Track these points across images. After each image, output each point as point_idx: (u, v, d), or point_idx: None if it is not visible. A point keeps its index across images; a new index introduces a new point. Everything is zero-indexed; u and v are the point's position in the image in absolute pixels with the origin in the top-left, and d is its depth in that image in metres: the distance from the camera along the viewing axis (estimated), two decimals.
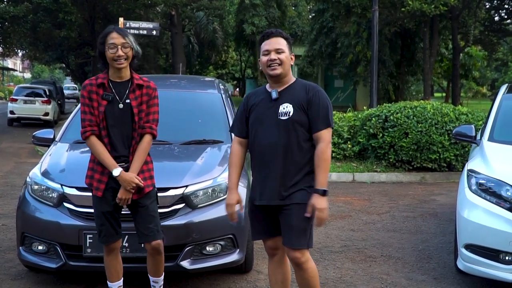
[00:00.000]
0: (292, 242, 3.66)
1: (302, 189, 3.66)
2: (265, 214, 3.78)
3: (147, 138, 4.04)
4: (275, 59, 3.71)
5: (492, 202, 4.76)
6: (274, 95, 3.73)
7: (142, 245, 4.23)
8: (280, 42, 3.74)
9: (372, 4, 15.50)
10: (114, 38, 3.91)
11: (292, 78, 3.81)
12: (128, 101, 3.97)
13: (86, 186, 4.47)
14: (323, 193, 3.56)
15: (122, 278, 4.23)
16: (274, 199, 3.68)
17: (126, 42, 3.93)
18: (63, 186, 4.63)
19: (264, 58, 3.76)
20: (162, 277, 4.28)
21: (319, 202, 3.55)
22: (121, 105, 3.95)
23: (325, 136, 3.65)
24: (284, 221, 3.69)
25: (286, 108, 3.68)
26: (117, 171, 3.89)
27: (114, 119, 3.94)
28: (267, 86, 3.86)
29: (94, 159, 4.01)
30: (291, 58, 3.79)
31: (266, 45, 3.76)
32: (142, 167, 4.03)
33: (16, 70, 79.24)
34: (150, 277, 4.26)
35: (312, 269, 3.74)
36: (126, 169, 3.96)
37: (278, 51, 3.71)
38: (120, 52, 3.89)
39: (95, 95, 3.93)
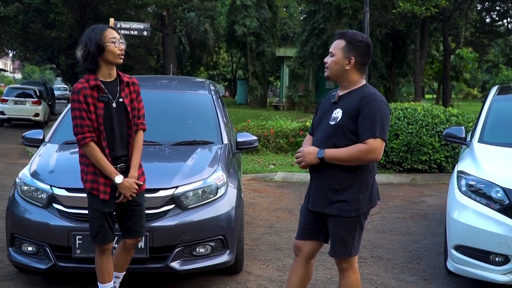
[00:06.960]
0: (333, 252, 3.68)
1: (343, 200, 3.54)
2: (316, 218, 3.72)
3: (141, 134, 4.07)
4: (325, 62, 3.65)
5: (482, 204, 4.76)
6: (333, 98, 3.65)
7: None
8: (335, 46, 3.60)
9: (363, 5, 15.54)
10: (113, 33, 3.87)
11: (357, 84, 3.61)
12: (121, 100, 3.92)
13: (75, 187, 4.44)
14: (321, 155, 3.51)
15: (113, 280, 4.19)
16: (319, 205, 3.63)
17: (121, 37, 3.91)
18: (53, 187, 4.59)
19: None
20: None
21: (311, 150, 3.56)
22: (114, 104, 3.88)
23: (370, 143, 3.43)
24: (329, 230, 3.70)
25: (336, 114, 3.55)
26: (119, 179, 3.85)
27: (110, 119, 3.88)
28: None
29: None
30: (350, 61, 3.55)
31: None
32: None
33: (7, 71, 78.94)
34: (115, 272, 4.17)
35: (352, 282, 3.74)
36: (127, 169, 3.95)
37: (330, 54, 3.61)
38: (123, 46, 3.88)
39: (91, 98, 3.81)
